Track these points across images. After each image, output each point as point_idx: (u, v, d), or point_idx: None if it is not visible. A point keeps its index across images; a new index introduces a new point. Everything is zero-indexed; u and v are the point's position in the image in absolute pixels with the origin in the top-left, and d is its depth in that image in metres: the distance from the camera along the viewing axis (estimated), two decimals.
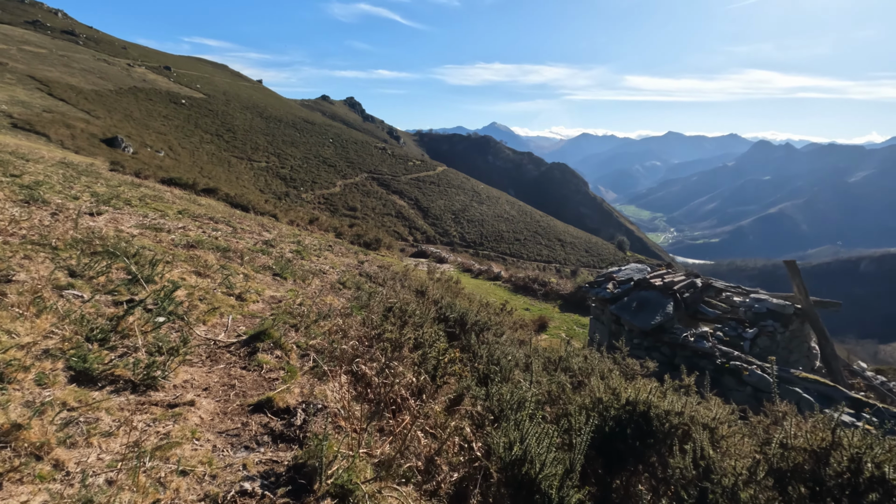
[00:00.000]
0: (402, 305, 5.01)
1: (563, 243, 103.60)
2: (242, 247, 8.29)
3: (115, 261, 4.33)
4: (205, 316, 3.93)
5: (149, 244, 5.75)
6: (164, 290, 3.84)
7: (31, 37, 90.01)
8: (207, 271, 5.23)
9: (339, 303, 5.90)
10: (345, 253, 12.57)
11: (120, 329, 3.10)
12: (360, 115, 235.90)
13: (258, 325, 3.84)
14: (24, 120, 42.61)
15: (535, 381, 3.62)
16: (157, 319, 3.37)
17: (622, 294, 7.58)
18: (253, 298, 4.93)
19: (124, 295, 3.73)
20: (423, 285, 6.96)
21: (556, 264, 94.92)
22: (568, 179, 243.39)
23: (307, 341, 3.83)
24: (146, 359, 2.97)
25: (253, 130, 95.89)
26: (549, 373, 4.27)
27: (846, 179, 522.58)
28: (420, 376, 3.26)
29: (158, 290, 3.92)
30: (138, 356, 2.99)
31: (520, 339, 6.00)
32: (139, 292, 3.82)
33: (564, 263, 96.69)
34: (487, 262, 25.78)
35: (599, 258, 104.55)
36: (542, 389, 3.64)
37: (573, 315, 14.21)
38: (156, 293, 3.84)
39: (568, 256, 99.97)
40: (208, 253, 6.29)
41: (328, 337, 4.06)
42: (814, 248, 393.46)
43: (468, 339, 4.82)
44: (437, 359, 3.50)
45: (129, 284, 3.90)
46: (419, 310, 4.87)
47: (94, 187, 9.68)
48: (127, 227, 6.65)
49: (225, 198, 22.73)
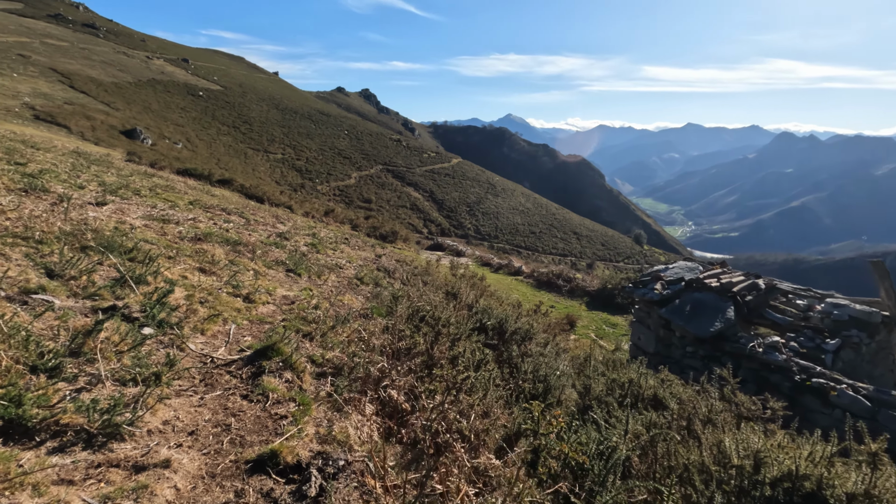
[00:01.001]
0: (433, 312, 4.44)
1: (579, 236, 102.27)
2: (255, 240, 7.82)
3: (107, 256, 3.86)
4: (204, 324, 3.40)
5: (152, 237, 5.28)
6: (158, 292, 3.32)
7: (53, 30, 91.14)
8: (213, 268, 4.73)
9: (358, 303, 5.38)
10: (361, 246, 12.07)
11: (87, 350, 2.55)
12: (375, 106, 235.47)
13: (266, 337, 3.30)
14: (46, 112, 43.03)
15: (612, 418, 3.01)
16: (143, 332, 2.85)
17: (672, 296, 6.85)
18: (262, 299, 4.41)
19: (107, 300, 3.22)
20: (453, 286, 6.37)
21: (571, 258, 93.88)
22: (584, 172, 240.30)
23: (323, 353, 3.29)
24: (112, 394, 2.31)
25: (269, 122, 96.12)
26: (619, 398, 3.61)
27: (873, 172, 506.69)
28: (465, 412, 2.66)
29: (150, 292, 3.41)
30: (102, 391, 2.35)
31: (563, 348, 5.39)
32: (127, 296, 3.31)
33: (580, 257, 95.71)
34: (507, 255, 25.11)
35: (616, 252, 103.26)
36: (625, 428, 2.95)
37: (601, 313, 13.54)
38: (147, 296, 3.33)
39: (584, 250, 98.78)
40: (217, 247, 5.81)
41: (347, 348, 3.53)
42: (837, 242, 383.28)
43: (508, 351, 4.24)
44: (484, 388, 2.89)
45: (116, 286, 3.38)
46: (453, 317, 4.30)
47: (104, 177, 9.31)
48: (132, 218, 6.21)
49: (240, 189, 22.42)
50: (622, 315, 13.51)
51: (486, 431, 2.56)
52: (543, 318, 7.57)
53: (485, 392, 2.88)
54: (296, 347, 3.16)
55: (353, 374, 2.98)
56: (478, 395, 2.83)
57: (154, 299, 3.23)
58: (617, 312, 13.85)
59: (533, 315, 7.23)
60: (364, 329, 4.03)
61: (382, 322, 4.52)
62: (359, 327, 4.05)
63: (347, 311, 4.49)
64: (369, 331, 4.00)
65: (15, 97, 45.15)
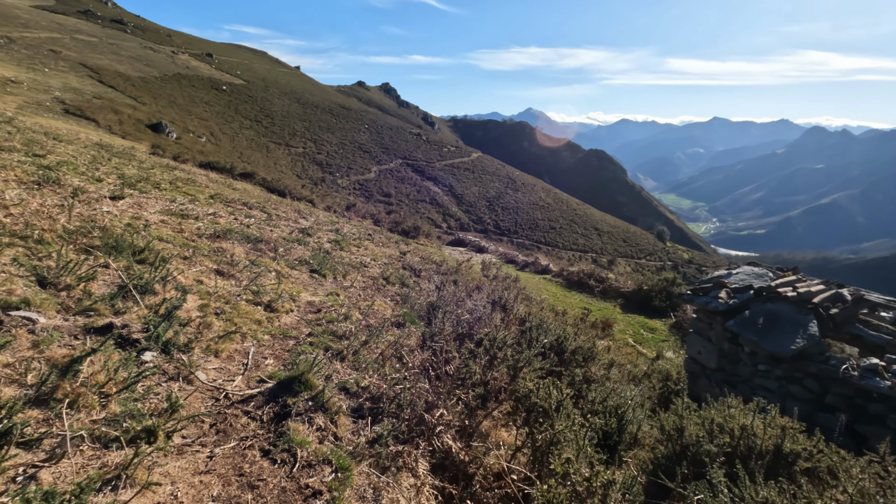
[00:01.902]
0: (491, 333, 3.89)
1: (600, 232, 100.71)
2: (277, 236, 7.44)
3: (116, 257, 3.46)
4: (218, 343, 2.94)
5: (167, 234, 4.89)
6: (166, 304, 2.89)
7: (83, 26, 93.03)
8: (232, 269, 4.30)
9: (388, 308, 4.91)
10: (385, 243, 11.64)
11: (60, 396, 2.02)
12: (395, 100, 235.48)
13: (291, 361, 2.83)
14: (76, 106, 43.80)
15: None
16: (143, 358, 2.41)
17: (740, 306, 6.13)
18: (286, 307, 3.97)
19: (104, 315, 2.77)
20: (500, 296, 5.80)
21: (591, 254, 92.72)
22: (605, 167, 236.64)
23: (358, 379, 2.81)
24: (85, 468, 1.65)
25: (291, 116, 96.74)
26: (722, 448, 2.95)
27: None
28: None
29: (157, 304, 2.98)
30: (70, 465, 1.64)
31: (617, 362, 4.79)
32: (129, 309, 2.88)
33: (601, 253, 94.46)
34: (532, 252, 24.38)
35: (638, 248, 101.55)
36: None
37: (637, 316, 12.78)
38: (153, 309, 2.90)
39: (605, 246, 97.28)
40: (236, 245, 5.40)
41: (383, 368, 3.06)
42: (869, 241, 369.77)
43: (571, 374, 3.69)
44: (576, 447, 2.31)
45: (117, 297, 2.95)
46: (509, 336, 3.75)
47: (124, 169, 9.06)
48: (149, 213, 5.86)
49: (262, 182, 22.26)
50: (660, 319, 12.77)
51: None
52: (591, 330, 6.99)
53: (577, 451, 2.29)
54: (327, 377, 2.66)
55: (395, 407, 2.49)
56: (567, 452, 2.25)
57: (161, 313, 2.79)
58: (655, 316, 13.10)
59: (580, 325, 6.68)
60: (400, 343, 3.56)
61: (417, 332, 4.04)
62: (394, 340, 3.57)
63: (379, 321, 4.02)
64: (406, 345, 3.53)
65: (46, 92, 46.08)
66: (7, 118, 12.81)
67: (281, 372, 2.68)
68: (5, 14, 75.45)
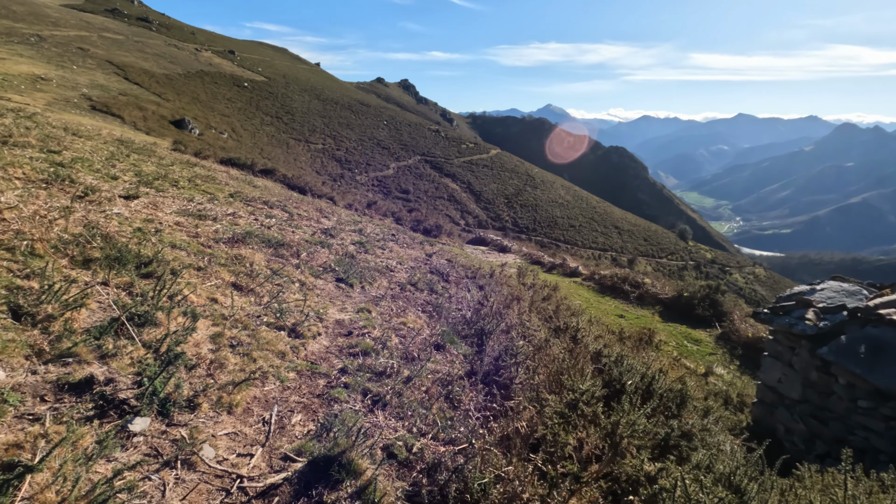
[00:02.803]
0: (556, 367, 3.33)
1: (621, 231, 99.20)
2: (299, 238, 6.99)
3: (117, 272, 3.01)
4: (233, 393, 2.39)
5: (181, 240, 4.44)
6: (170, 339, 2.40)
7: (110, 24, 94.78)
8: (252, 283, 3.82)
9: (422, 322, 4.39)
10: (409, 244, 11.15)
11: None
12: (414, 97, 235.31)
13: (325, 422, 2.26)
14: (102, 102, 44.43)
15: None
16: (131, 429, 1.88)
17: (833, 330, 5.34)
18: (312, 331, 3.47)
19: (86, 363, 2.19)
20: (566, 322, 5.17)
21: (612, 252, 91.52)
22: (626, 164, 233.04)
23: (408, 440, 2.25)
24: None
25: (310, 112, 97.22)
26: None
27: None
28: None
29: (159, 339, 2.47)
30: None
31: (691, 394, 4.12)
32: (121, 350, 2.37)
33: (621, 252, 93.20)
34: (558, 252, 23.62)
35: (659, 247, 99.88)
36: None
37: (678, 326, 11.92)
38: (153, 347, 2.39)
39: (625, 245, 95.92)
40: (256, 251, 4.94)
41: (432, 414, 2.52)
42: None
43: (666, 428, 3.05)
44: None
45: (107, 332, 2.46)
46: (597, 388, 3.12)
47: (142, 166, 8.73)
48: (164, 214, 5.45)
49: (282, 179, 22.00)
50: (704, 329, 11.90)
51: None
52: (655, 352, 6.34)
53: None
54: (376, 464, 2.01)
55: (458, 482, 1.94)
56: None
57: (163, 352, 2.30)
58: (698, 325, 12.21)
59: (645, 348, 6.05)
60: (447, 375, 3.02)
61: (460, 355, 3.50)
62: (439, 371, 3.04)
63: (418, 346, 3.50)
64: (453, 376, 2.99)
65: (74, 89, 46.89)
66: (29, 114, 12.69)
67: (313, 444, 2.10)
68: (36, 13, 77.31)
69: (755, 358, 9.71)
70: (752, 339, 10.05)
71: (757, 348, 9.80)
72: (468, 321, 5.69)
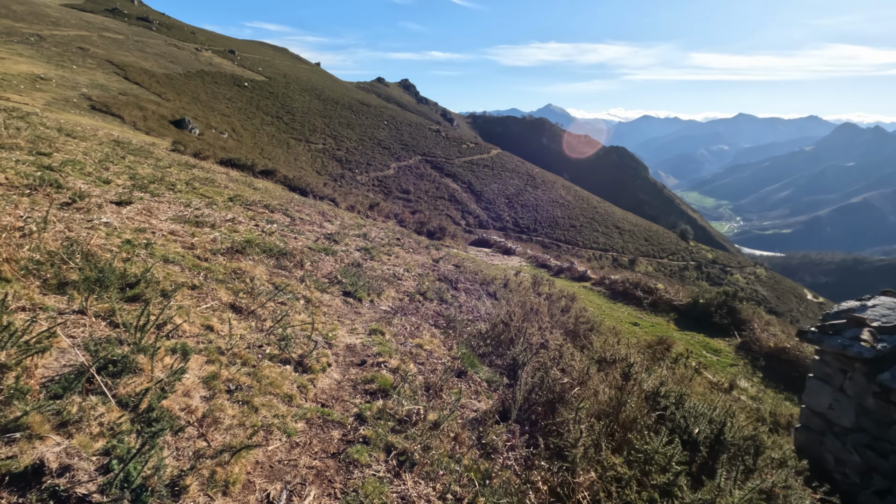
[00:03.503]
0: (606, 407, 2.95)
1: (621, 231, 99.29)
2: (302, 246, 6.62)
3: (98, 296, 2.64)
4: (230, 464, 1.92)
5: (175, 252, 4.06)
6: (152, 394, 1.99)
7: (111, 23, 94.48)
8: (252, 303, 3.44)
9: (438, 342, 4.02)
10: (415, 248, 10.77)
11: None
12: (415, 97, 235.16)
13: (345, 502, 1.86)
14: (102, 102, 44.10)
15: None
16: None
17: (894, 353, 4.92)
18: (322, 362, 3.08)
19: (38, 437, 1.61)
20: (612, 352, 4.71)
21: (612, 252, 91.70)
22: (626, 163, 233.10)
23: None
24: None
25: (311, 112, 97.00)
26: None
27: None
28: None
29: (138, 394, 2.05)
30: None
31: None
32: (86, 415, 1.92)
33: (622, 252, 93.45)
34: (564, 255, 23.20)
35: (660, 247, 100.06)
36: None
37: (696, 334, 11.49)
38: (129, 406, 1.97)
39: (626, 245, 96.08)
40: (258, 264, 4.56)
41: (464, 471, 2.15)
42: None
43: (732, 487, 2.63)
44: None
45: (72, 390, 2.03)
46: (660, 444, 2.69)
47: (138, 168, 8.36)
48: (158, 221, 5.08)
49: (283, 180, 21.63)
50: (723, 338, 11.47)
51: None
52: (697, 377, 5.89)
53: None
54: None
55: None
56: None
57: (142, 410, 1.90)
58: (716, 334, 11.77)
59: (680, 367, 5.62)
60: (477, 417, 2.64)
61: (484, 385, 3.13)
62: (467, 410, 2.66)
63: (438, 372, 3.12)
64: (485, 420, 2.62)
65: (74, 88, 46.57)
66: (23, 114, 12.32)
67: None
68: (37, 13, 76.97)
69: (778, 369, 9.33)
70: (775, 349, 9.67)
71: (780, 359, 9.42)
72: (484, 336, 5.32)
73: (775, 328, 11.07)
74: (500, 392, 3.34)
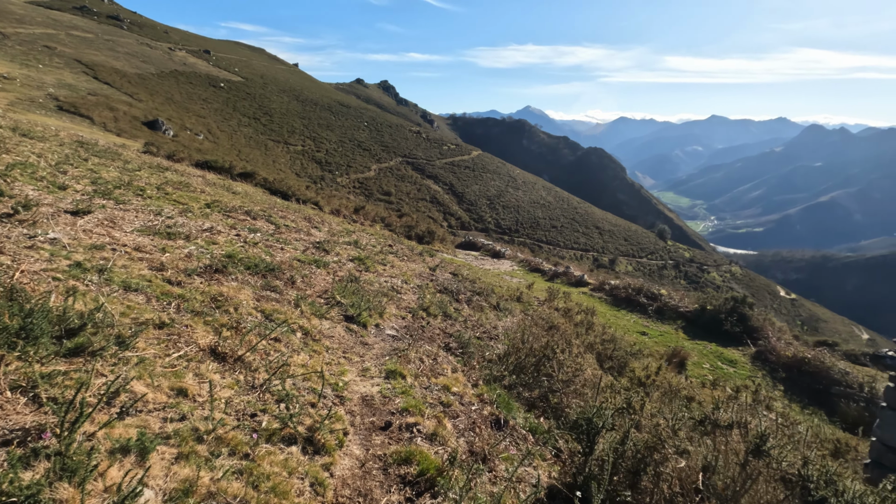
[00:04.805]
0: None
1: (601, 231, 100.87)
2: (290, 257, 5.89)
3: (20, 351, 1.91)
4: None
5: (138, 277, 3.29)
6: None
7: (79, 22, 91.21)
8: (239, 346, 2.68)
9: (463, 382, 3.37)
10: (409, 255, 10.08)
11: None
12: (394, 98, 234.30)
13: None
14: (70, 103, 42.22)
15: None
16: None
17: None
18: (337, 434, 2.33)
19: None
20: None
21: (593, 252, 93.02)
22: (605, 165, 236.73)
23: None
24: None
25: (289, 114, 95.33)
26: None
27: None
28: None
29: None
30: None
31: None
32: None
33: (602, 252, 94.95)
34: (561, 261, 22.72)
35: (639, 247, 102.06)
36: None
37: (707, 343, 11.01)
38: None
39: (606, 245, 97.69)
40: (242, 286, 3.83)
41: None
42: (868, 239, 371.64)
43: None
44: None
45: None
46: None
47: (102, 172, 7.49)
48: (123, 234, 4.31)
49: (263, 183, 20.68)
50: (736, 347, 11.00)
51: None
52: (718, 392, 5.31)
53: None
54: None
55: None
56: None
57: None
58: (728, 343, 11.19)
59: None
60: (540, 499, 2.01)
61: (530, 439, 2.50)
62: (525, 484, 2.02)
63: (480, 434, 2.48)
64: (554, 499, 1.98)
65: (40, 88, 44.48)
66: None
67: None
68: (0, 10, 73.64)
69: (798, 381, 8.92)
70: (793, 359, 9.27)
71: (801, 371, 9.02)
72: (503, 359, 4.70)
73: (788, 335, 10.70)
74: (544, 441, 2.71)
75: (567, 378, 4.07)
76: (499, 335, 5.92)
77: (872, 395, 7.33)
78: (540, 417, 3.49)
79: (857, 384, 7.64)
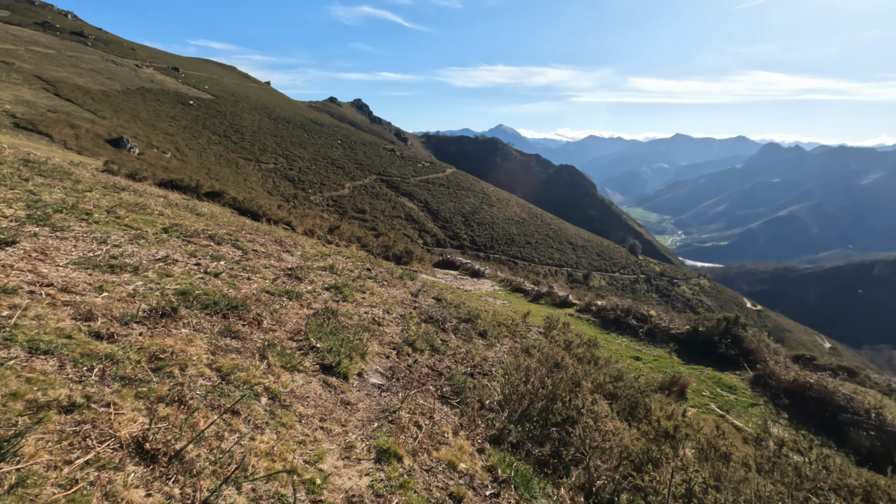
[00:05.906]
0: None
1: (575, 246, 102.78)
2: (257, 289, 5.21)
3: None
4: None
5: (57, 329, 2.56)
6: None
7: (40, 37, 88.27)
8: (176, 436, 1.97)
9: (468, 450, 2.77)
10: (388, 279, 9.44)
11: None
12: (368, 116, 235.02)
13: None
14: (27, 119, 40.31)
15: None
16: None
17: None
18: None
19: None
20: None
21: (567, 268, 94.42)
22: (576, 181, 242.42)
23: None
24: None
25: (261, 131, 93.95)
26: None
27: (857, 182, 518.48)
28: None
29: None
30: None
31: None
32: None
33: (576, 267, 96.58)
34: (543, 279, 22.33)
35: (612, 262, 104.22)
36: None
37: (704, 368, 10.53)
38: None
39: (580, 260, 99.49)
40: (195, 334, 3.14)
41: None
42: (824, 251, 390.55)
43: None
44: None
45: None
46: None
47: (43, 194, 6.64)
48: (53, 269, 3.59)
49: (231, 202, 19.73)
50: (733, 371, 10.57)
51: None
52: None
53: None
54: None
55: None
56: None
57: None
58: (724, 367, 10.72)
59: None
60: None
61: None
62: None
63: None
64: None
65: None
66: None
67: None
68: None
69: (803, 407, 8.57)
70: (795, 384, 8.93)
71: (804, 396, 8.68)
72: (505, 404, 4.12)
73: (784, 357, 10.43)
74: None
75: (596, 444, 3.51)
76: (492, 370, 5.33)
77: (881, 422, 7.08)
78: (560, 488, 2.90)
79: (863, 410, 7.36)
